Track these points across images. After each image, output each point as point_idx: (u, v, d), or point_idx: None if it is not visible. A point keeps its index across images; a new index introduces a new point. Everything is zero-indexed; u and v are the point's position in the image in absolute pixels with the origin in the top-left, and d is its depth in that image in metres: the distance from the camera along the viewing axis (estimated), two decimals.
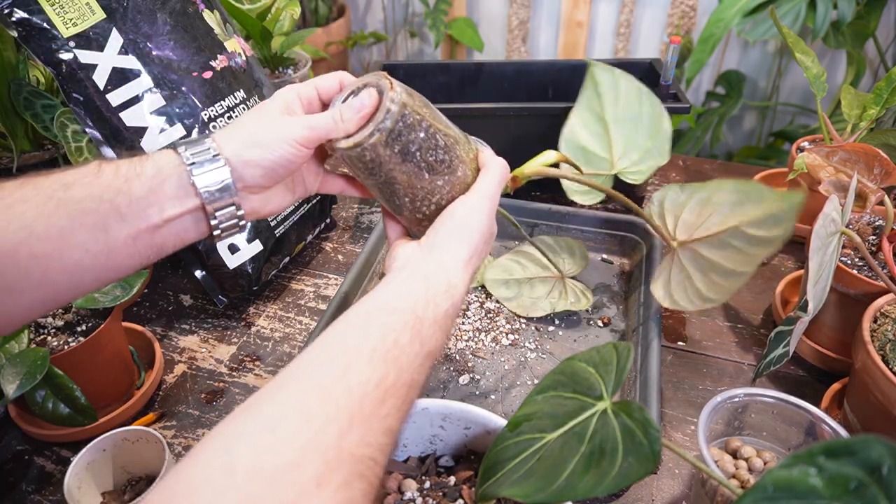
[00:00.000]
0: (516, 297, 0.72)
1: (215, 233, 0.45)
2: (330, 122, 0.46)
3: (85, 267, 0.40)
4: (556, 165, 0.54)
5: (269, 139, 0.45)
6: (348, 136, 0.46)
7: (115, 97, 0.70)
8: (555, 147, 0.94)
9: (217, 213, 0.44)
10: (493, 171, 0.50)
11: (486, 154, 0.52)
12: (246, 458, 0.29)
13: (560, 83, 1.03)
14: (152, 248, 0.43)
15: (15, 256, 0.37)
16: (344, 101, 0.48)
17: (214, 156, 0.43)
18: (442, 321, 0.41)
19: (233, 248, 0.77)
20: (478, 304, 0.79)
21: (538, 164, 0.53)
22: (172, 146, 0.44)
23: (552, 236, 0.77)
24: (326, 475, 0.30)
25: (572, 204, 0.99)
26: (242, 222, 0.46)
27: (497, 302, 0.79)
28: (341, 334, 0.38)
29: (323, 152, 0.53)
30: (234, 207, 0.44)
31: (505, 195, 0.52)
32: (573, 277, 0.71)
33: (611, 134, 0.61)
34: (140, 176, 0.41)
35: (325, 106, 0.50)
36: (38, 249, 0.38)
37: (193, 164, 0.43)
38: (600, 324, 0.76)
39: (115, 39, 0.69)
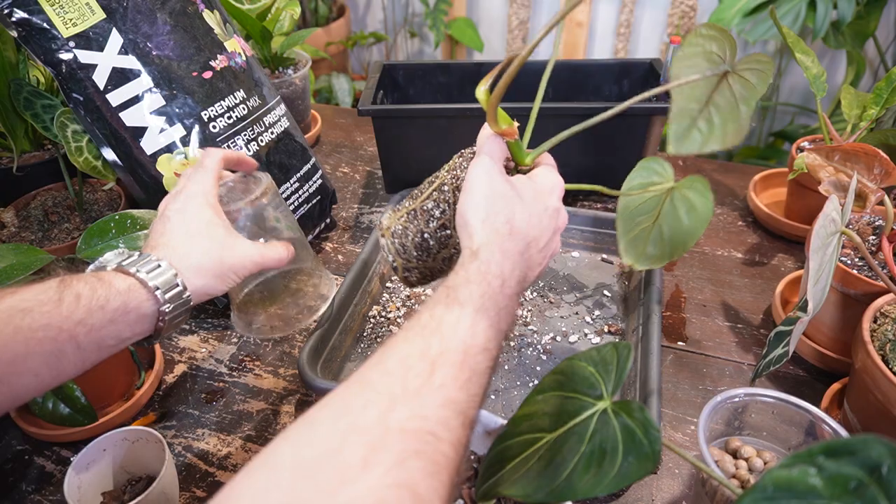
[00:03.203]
0: None
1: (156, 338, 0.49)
2: (275, 258, 0.53)
3: (30, 389, 0.41)
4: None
5: (223, 270, 0.50)
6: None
7: (115, 97, 0.70)
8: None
9: (169, 328, 0.48)
10: (547, 159, 0.53)
11: None
12: (287, 455, 0.29)
13: (560, 83, 1.03)
14: (93, 362, 0.44)
15: None
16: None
17: (186, 295, 0.47)
18: (475, 277, 0.40)
19: None
20: None
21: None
22: (141, 281, 0.46)
23: None
24: (372, 456, 0.28)
25: (572, 204, 0.99)
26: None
27: None
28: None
29: None
30: (183, 319, 0.49)
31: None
32: None
33: None
34: (103, 308, 0.43)
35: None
36: None
37: (167, 305, 0.46)
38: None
39: (115, 39, 0.69)
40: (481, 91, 0.46)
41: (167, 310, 0.46)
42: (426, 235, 0.52)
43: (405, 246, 0.53)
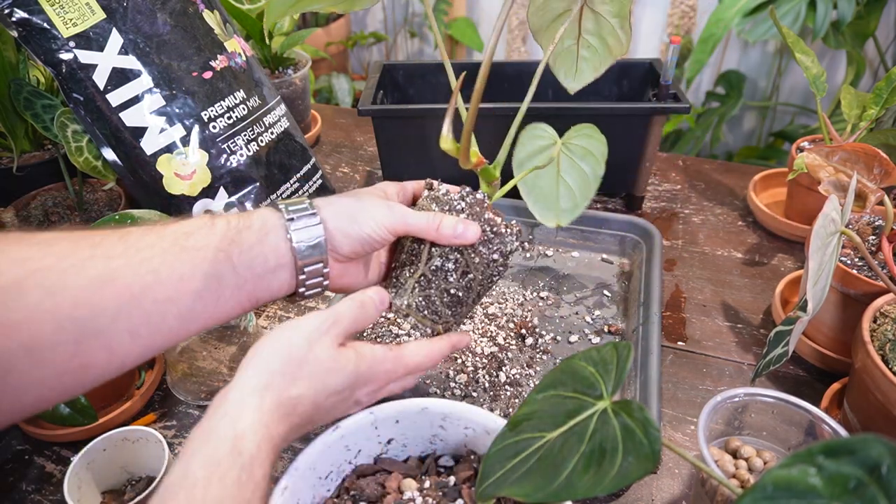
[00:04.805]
0: None
1: (300, 290, 0.47)
2: (423, 225, 0.49)
3: (197, 315, 0.41)
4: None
5: (364, 216, 0.48)
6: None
7: (115, 97, 0.70)
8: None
9: (305, 269, 0.46)
10: (416, 359, 0.48)
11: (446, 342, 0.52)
12: None
13: (560, 83, 1.03)
14: (251, 299, 0.44)
15: (142, 299, 0.39)
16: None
17: (312, 213, 0.46)
18: (233, 499, 0.33)
19: None
20: (480, 307, 0.79)
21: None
22: (274, 204, 0.47)
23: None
24: None
25: None
26: (326, 282, 0.48)
27: (498, 305, 0.79)
28: None
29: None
30: (321, 265, 0.46)
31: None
32: None
33: None
34: (250, 228, 0.44)
35: (414, 198, 0.56)
36: (161, 294, 0.39)
37: (292, 219, 0.45)
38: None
39: (115, 39, 0.69)
40: (448, 140, 0.47)
41: (292, 228, 0.45)
42: (453, 291, 0.51)
43: (438, 311, 0.52)
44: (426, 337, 0.53)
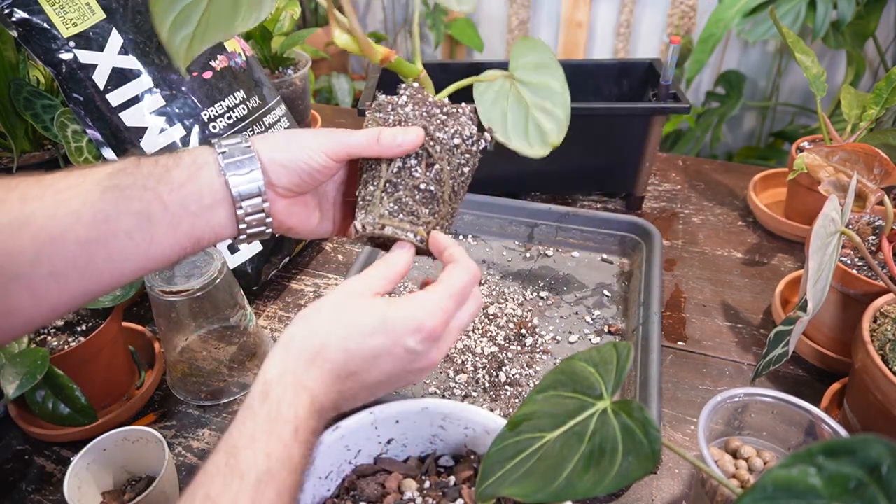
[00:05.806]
0: None
1: (241, 226, 0.45)
2: (363, 142, 0.46)
3: (128, 255, 0.41)
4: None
5: (299, 144, 0.46)
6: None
7: (115, 97, 0.70)
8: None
9: (244, 204, 0.44)
10: (453, 282, 0.44)
11: (456, 253, 0.46)
12: None
13: None
14: (191, 239, 0.43)
15: (63, 242, 0.38)
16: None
17: (245, 146, 0.45)
18: (263, 430, 0.36)
19: (232, 248, 0.77)
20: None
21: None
22: (208, 142, 0.46)
23: None
24: None
25: (572, 204, 0.99)
26: (269, 219, 0.46)
27: (498, 305, 0.79)
28: None
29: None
30: (260, 199, 0.45)
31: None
32: None
33: None
34: (179, 166, 0.43)
35: None
36: (84, 235, 0.39)
37: (224, 152, 0.44)
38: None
39: (115, 39, 0.69)
40: (341, 37, 0.45)
41: (225, 161, 0.43)
42: (423, 186, 0.47)
43: (414, 211, 0.47)
44: (412, 243, 0.48)
